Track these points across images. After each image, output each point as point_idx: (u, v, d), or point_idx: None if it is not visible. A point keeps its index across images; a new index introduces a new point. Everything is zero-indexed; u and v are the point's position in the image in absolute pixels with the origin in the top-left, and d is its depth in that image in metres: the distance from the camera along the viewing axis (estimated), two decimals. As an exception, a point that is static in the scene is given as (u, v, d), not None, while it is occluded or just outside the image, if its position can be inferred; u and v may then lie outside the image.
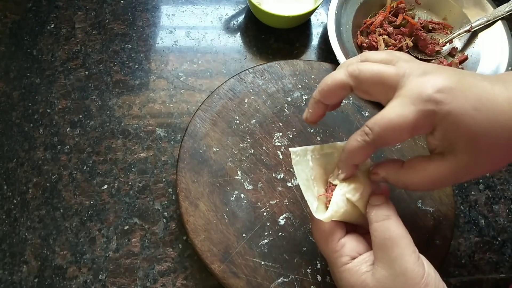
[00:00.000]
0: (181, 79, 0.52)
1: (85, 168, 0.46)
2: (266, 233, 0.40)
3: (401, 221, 0.30)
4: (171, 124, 0.49)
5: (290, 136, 0.45)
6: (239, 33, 0.56)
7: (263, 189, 0.42)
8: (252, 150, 0.44)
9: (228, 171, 0.42)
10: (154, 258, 0.42)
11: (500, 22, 0.52)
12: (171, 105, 0.50)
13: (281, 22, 0.53)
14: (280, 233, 0.40)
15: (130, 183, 0.45)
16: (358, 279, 0.29)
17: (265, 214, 0.41)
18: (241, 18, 0.57)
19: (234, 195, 0.41)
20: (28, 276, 0.40)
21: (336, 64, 0.49)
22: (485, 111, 0.26)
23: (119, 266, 0.41)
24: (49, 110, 0.49)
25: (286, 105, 0.46)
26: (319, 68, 0.49)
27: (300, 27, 0.56)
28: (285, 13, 0.50)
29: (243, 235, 0.39)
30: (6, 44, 0.53)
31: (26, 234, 0.42)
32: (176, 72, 0.52)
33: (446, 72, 0.27)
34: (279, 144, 0.44)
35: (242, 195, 0.41)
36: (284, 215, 0.41)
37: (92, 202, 0.44)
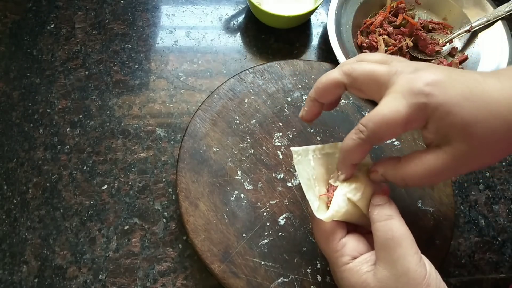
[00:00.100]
0: (181, 79, 0.52)
1: (85, 168, 0.46)
2: (266, 233, 0.40)
3: (404, 221, 0.29)
4: (171, 124, 0.49)
5: (290, 136, 0.45)
6: (239, 33, 0.56)
7: (263, 189, 0.42)
8: (252, 150, 0.44)
9: (228, 171, 0.42)
10: (154, 258, 0.42)
11: (500, 22, 0.52)
12: (171, 105, 0.50)
13: (281, 22, 0.53)
14: (280, 233, 0.40)
15: (130, 183, 0.45)
16: (359, 279, 0.29)
17: (265, 214, 0.41)
18: (241, 18, 0.57)
19: (234, 195, 0.41)
20: (28, 276, 0.40)
21: (336, 64, 0.48)
22: (476, 101, 0.26)
23: (119, 266, 0.41)
24: (49, 110, 0.49)
25: (286, 105, 0.46)
26: (319, 68, 0.49)
27: (300, 27, 0.56)
28: (285, 13, 0.50)
29: (243, 235, 0.39)
30: (6, 44, 0.53)
31: (26, 234, 0.42)
32: (176, 72, 0.52)
33: (436, 68, 0.28)
34: (279, 144, 0.44)
35: (242, 195, 0.41)
36: (284, 215, 0.41)
37: (92, 202, 0.44)
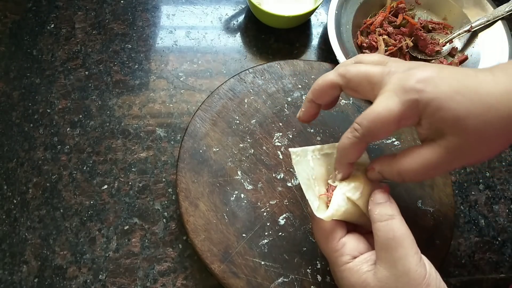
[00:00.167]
0: (181, 79, 0.52)
1: (85, 168, 0.46)
2: (266, 233, 0.40)
3: (404, 221, 0.29)
4: (171, 124, 0.49)
5: (290, 136, 0.45)
6: (239, 33, 0.56)
7: (263, 189, 0.42)
8: (252, 150, 0.44)
9: (228, 171, 0.42)
10: (154, 258, 0.42)
11: (500, 22, 0.52)
12: (171, 105, 0.50)
13: (281, 22, 0.53)
14: (280, 233, 0.40)
15: (130, 183, 0.45)
16: (359, 279, 0.29)
17: (265, 214, 0.41)
18: (241, 18, 0.57)
19: (234, 195, 0.41)
20: (28, 276, 0.40)
21: (336, 64, 0.48)
22: (468, 94, 0.26)
23: (119, 266, 0.41)
24: (49, 110, 0.49)
25: (286, 105, 0.46)
26: (319, 68, 0.49)
27: (300, 27, 0.56)
28: (285, 13, 0.50)
29: (243, 235, 0.39)
30: (6, 44, 0.53)
31: (26, 234, 0.42)
32: (176, 72, 0.52)
33: (428, 66, 0.29)
34: (279, 144, 0.44)
35: (242, 195, 0.41)
36: (284, 215, 0.41)
37: (92, 202, 0.44)
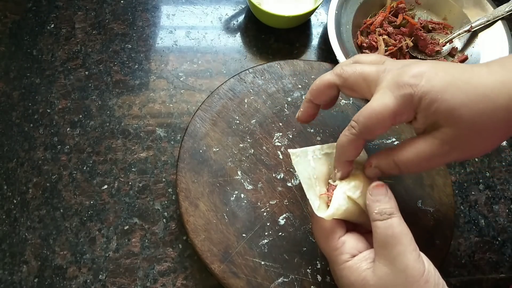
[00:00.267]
0: (181, 79, 0.52)
1: (85, 168, 0.46)
2: (266, 233, 0.40)
3: (402, 218, 0.30)
4: (171, 124, 0.49)
5: (290, 136, 0.45)
6: (239, 33, 0.56)
7: (263, 189, 0.42)
8: (252, 150, 0.44)
9: (228, 171, 0.42)
10: (154, 258, 0.42)
11: (500, 22, 0.52)
12: (171, 105, 0.50)
13: (281, 22, 0.53)
14: (280, 233, 0.40)
15: (130, 183, 0.45)
16: (359, 276, 0.29)
17: (265, 214, 0.41)
18: (241, 18, 0.57)
19: (234, 195, 0.41)
20: (28, 276, 0.40)
21: (336, 64, 0.48)
22: (462, 85, 0.27)
23: (119, 266, 0.41)
24: (49, 110, 0.49)
25: (286, 105, 0.46)
26: (319, 68, 0.49)
27: (300, 27, 0.56)
28: (285, 13, 0.50)
29: (243, 235, 0.39)
30: (6, 44, 0.53)
31: (26, 234, 0.42)
32: (176, 72, 0.52)
33: (422, 62, 0.29)
34: (279, 144, 0.44)
35: (242, 195, 0.41)
36: (284, 215, 0.41)
37: (92, 202, 0.44)
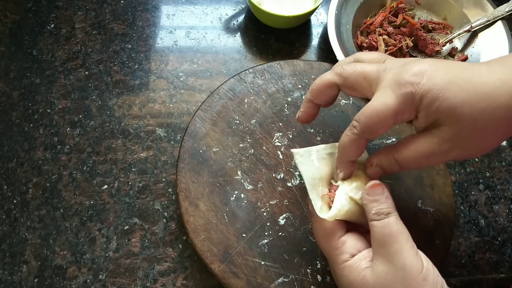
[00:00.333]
0: (181, 79, 0.52)
1: (85, 168, 0.46)
2: (266, 233, 0.40)
3: (399, 216, 0.30)
4: (171, 124, 0.49)
5: (290, 136, 0.45)
6: (239, 33, 0.56)
7: (263, 189, 0.42)
8: (252, 150, 0.44)
9: (228, 171, 0.42)
10: (154, 258, 0.42)
11: (500, 22, 0.52)
12: (171, 105, 0.50)
13: (281, 22, 0.53)
14: (280, 233, 0.40)
15: (130, 183, 0.45)
16: (358, 275, 0.29)
17: (265, 214, 0.41)
18: (241, 18, 0.57)
19: (234, 195, 0.41)
20: (28, 276, 0.40)
21: (336, 64, 0.49)
22: (463, 84, 0.27)
23: (119, 266, 0.41)
24: (49, 110, 0.49)
25: (286, 105, 0.46)
26: (319, 68, 0.49)
27: (300, 27, 0.56)
28: (285, 13, 0.50)
29: (243, 235, 0.39)
30: (6, 44, 0.53)
31: (26, 234, 0.42)
32: (176, 72, 0.52)
33: (423, 61, 0.29)
34: (279, 144, 0.44)
35: (242, 195, 0.41)
36: (284, 215, 0.41)
37: (92, 202, 0.44)
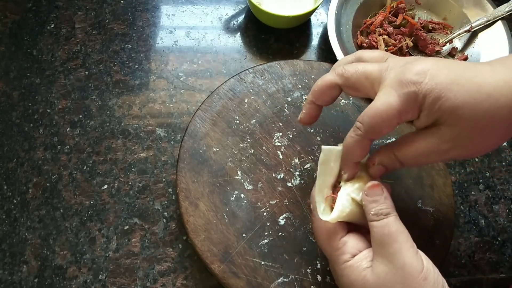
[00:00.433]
0: (181, 79, 0.52)
1: (85, 168, 0.46)
2: (266, 233, 0.40)
3: (398, 216, 0.30)
4: (171, 124, 0.49)
5: (290, 136, 0.45)
6: (239, 33, 0.56)
7: (263, 189, 0.42)
8: (252, 150, 0.44)
9: (228, 171, 0.42)
10: (154, 258, 0.42)
11: (500, 22, 0.52)
12: (171, 105, 0.50)
13: (281, 22, 0.53)
14: (280, 233, 0.40)
15: (130, 183, 0.45)
16: (359, 275, 0.29)
17: (265, 214, 0.41)
18: (241, 18, 0.57)
19: (234, 195, 0.41)
20: (28, 276, 0.40)
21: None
22: (465, 84, 0.27)
23: (119, 266, 0.41)
24: (49, 110, 0.49)
25: (286, 105, 0.46)
26: (319, 68, 0.49)
27: (300, 27, 0.56)
28: (285, 13, 0.50)
29: (243, 235, 0.39)
30: (6, 44, 0.53)
31: (26, 234, 0.42)
32: (176, 72, 0.52)
33: (425, 59, 0.29)
34: (279, 144, 0.44)
35: (242, 195, 0.41)
36: (284, 215, 0.41)
37: (92, 202, 0.44)
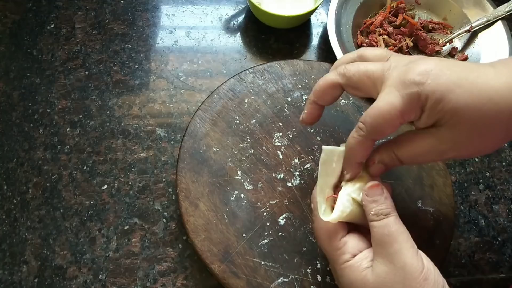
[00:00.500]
0: (181, 79, 0.52)
1: (85, 168, 0.46)
2: (266, 233, 0.40)
3: (398, 216, 0.30)
4: (171, 124, 0.49)
5: (290, 136, 0.45)
6: (239, 33, 0.56)
7: (263, 189, 0.42)
8: (252, 150, 0.44)
9: (228, 171, 0.42)
10: (154, 258, 0.42)
11: (500, 22, 0.52)
12: (171, 105, 0.50)
13: (281, 22, 0.53)
14: (280, 233, 0.40)
15: (130, 183, 0.45)
16: (359, 275, 0.29)
17: (265, 214, 0.41)
18: (241, 18, 0.57)
19: (234, 195, 0.41)
20: (28, 276, 0.40)
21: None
22: (468, 86, 0.26)
23: (119, 266, 0.41)
24: (49, 110, 0.49)
25: (286, 105, 0.46)
26: (319, 68, 0.49)
27: (300, 27, 0.56)
28: (285, 13, 0.50)
29: (243, 235, 0.39)
30: (6, 44, 0.53)
31: (26, 234, 0.42)
32: (176, 72, 0.52)
33: (428, 59, 0.29)
34: (279, 144, 0.44)
35: (242, 195, 0.41)
36: (284, 215, 0.41)
37: (92, 202, 0.44)
